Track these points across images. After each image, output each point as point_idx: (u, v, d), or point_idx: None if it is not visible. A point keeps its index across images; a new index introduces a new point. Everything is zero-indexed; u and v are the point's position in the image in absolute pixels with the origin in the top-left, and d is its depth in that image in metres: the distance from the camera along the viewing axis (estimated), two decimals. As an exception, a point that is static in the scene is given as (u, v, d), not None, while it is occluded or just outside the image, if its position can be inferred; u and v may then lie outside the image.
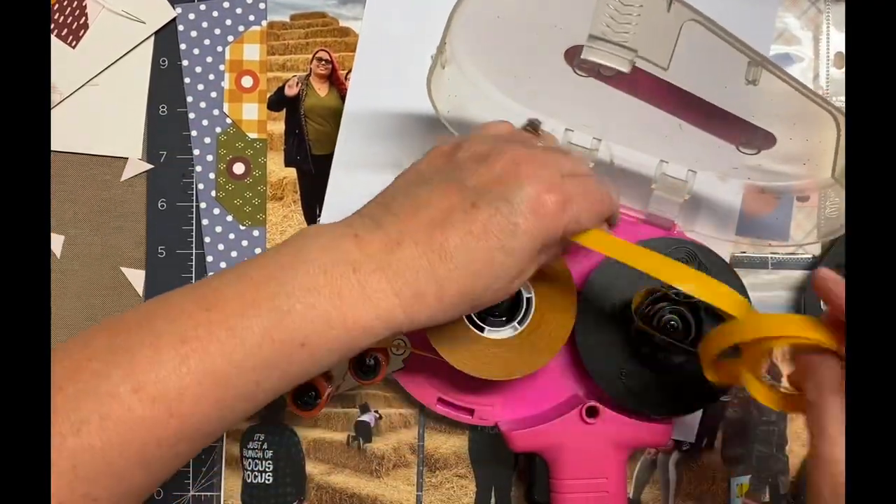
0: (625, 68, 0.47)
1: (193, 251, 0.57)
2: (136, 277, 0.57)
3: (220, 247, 0.57)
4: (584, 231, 0.44)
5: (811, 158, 0.50)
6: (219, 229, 0.57)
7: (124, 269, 0.57)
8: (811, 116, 0.47)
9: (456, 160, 0.43)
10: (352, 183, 0.57)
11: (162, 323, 0.39)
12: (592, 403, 0.51)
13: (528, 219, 0.41)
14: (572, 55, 0.50)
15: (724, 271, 0.52)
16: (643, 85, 0.49)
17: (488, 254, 0.41)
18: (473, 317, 0.50)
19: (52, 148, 0.57)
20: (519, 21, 0.49)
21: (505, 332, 0.50)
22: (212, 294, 0.39)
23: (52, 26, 0.57)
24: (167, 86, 0.57)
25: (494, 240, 0.40)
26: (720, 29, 0.45)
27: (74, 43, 0.57)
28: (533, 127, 0.48)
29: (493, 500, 0.57)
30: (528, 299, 0.50)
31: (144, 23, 0.57)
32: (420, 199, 0.42)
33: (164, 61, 0.57)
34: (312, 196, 0.57)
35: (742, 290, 0.52)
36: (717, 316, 0.51)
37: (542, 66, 0.51)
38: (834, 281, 0.40)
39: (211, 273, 0.57)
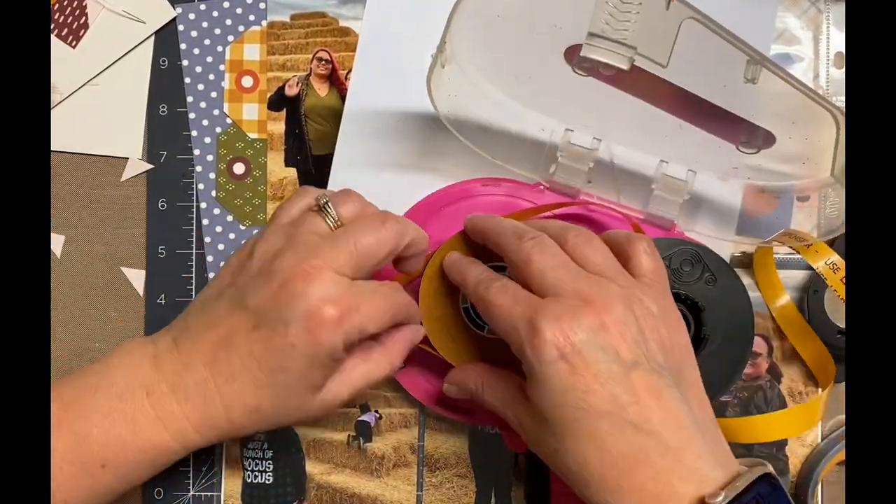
0: (624, 66, 0.46)
1: (193, 251, 0.57)
2: (136, 277, 0.57)
3: (221, 247, 0.57)
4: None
5: (811, 157, 0.50)
6: (219, 229, 0.57)
7: (124, 269, 0.57)
8: (811, 115, 0.47)
9: (246, 270, 0.44)
10: (352, 183, 0.56)
11: None
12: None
13: (303, 338, 0.42)
14: (572, 54, 0.50)
15: (725, 271, 0.52)
16: (643, 84, 0.49)
17: (269, 375, 0.42)
18: (474, 316, 0.50)
19: (52, 148, 0.57)
20: (519, 20, 0.49)
21: (505, 332, 0.50)
22: None
23: (52, 26, 0.57)
24: (167, 86, 0.57)
25: (274, 361, 0.42)
26: (719, 27, 0.45)
27: (74, 43, 0.57)
28: (321, 208, 0.45)
29: (493, 500, 0.57)
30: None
31: (144, 23, 0.57)
32: (211, 316, 0.44)
33: (164, 61, 0.57)
34: (312, 196, 0.57)
35: (744, 292, 0.52)
36: (719, 315, 0.51)
37: (542, 65, 0.51)
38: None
39: (211, 274, 0.57)
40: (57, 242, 0.57)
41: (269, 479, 0.56)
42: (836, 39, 0.57)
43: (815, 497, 0.55)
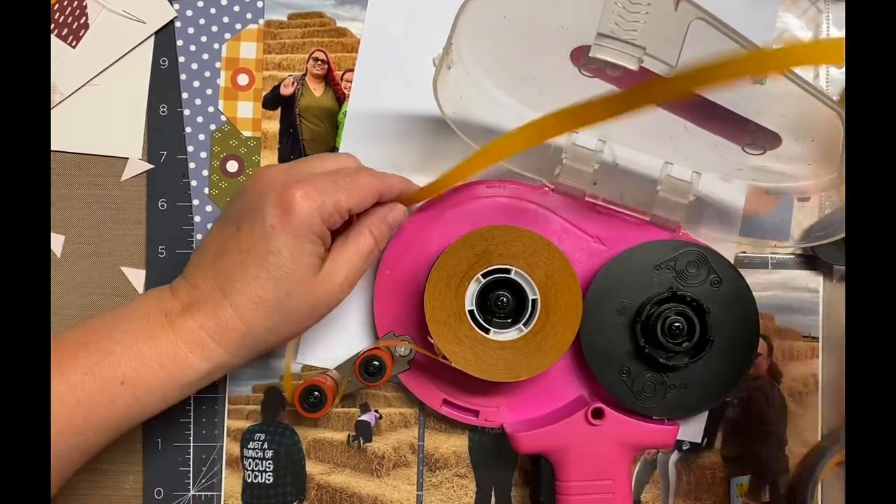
0: (633, 66, 0.46)
1: (194, 251, 0.57)
2: (136, 277, 0.57)
3: (213, 244, 0.57)
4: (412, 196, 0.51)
5: (817, 159, 0.50)
6: (210, 226, 0.57)
7: (124, 269, 0.57)
8: (817, 116, 0.47)
9: (238, 196, 0.49)
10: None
11: None
12: (598, 405, 0.51)
13: (279, 217, 0.45)
14: (578, 56, 0.50)
15: (731, 273, 0.52)
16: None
17: (261, 261, 0.46)
18: (479, 318, 0.50)
19: (52, 148, 0.57)
20: (525, 22, 0.49)
21: (510, 334, 0.50)
22: (55, 342, 0.46)
23: (52, 26, 0.57)
24: (167, 86, 0.57)
25: (261, 247, 0.46)
26: (727, 28, 0.45)
27: (74, 43, 0.57)
28: None
29: (493, 500, 0.57)
30: (534, 301, 0.50)
31: (144, 23, 0.57)
32: (206, 243, 0.49)
33: (164, 61, 0.57)
34: (307, 196, 0.57)
35: (747, 290, 0.52)
36: (724, 317, 0.51)
37: (548, 67, 0.51)
38: None
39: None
40: (57, 242, 0.57)
41: (269, 479, 0.56)
42: (836, 39, 0.57)
43: (815, 497, 0.55)
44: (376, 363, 0.52)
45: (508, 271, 0.50)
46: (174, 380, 0.46)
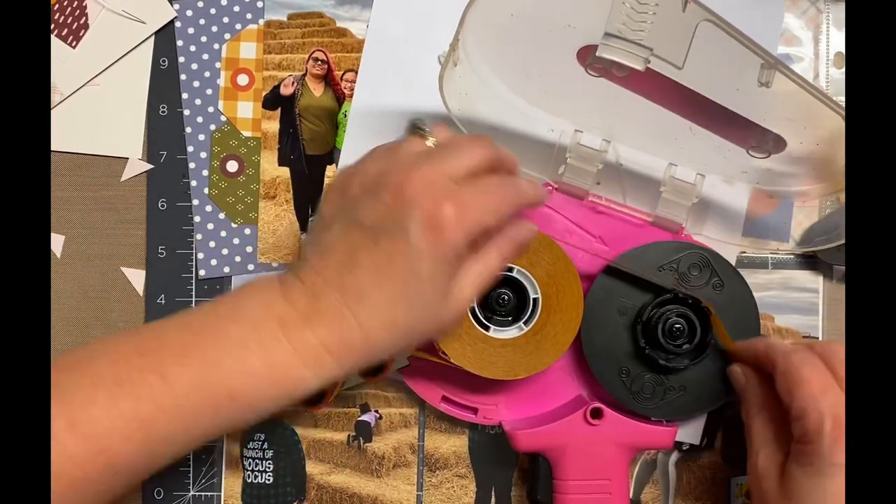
0: (639, 66, 0.46)
1: (194, 251, 0.57)
2: (136, 277, 0.57)
3: (212, 244, 0.57)
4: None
5: (821, 162, 0.50)
6: (210, 226, 0.57)
7: (124, 269, 0.57)
8: (823, 120, 0.47)
9: (349, 197, 0.44)
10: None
11: (103, 364, 0.41)
12: (597, 405, 0.51)
13: (427, 239, 0.41)
14: (585, 55, 0.49)
15: (733, 276, 0.52)
16: (655, 87, 0.49)
17: (400, 284, 0.41)
18: (479, 316, 0.50)
19: (52, 148, 0.57)
20: (532, 20, 0.49)
21: (510, 332, 0.50)
22: (152, 339, 0.42)
23: (52, 26, 0.57)
24: (167, 86, 0.57)
25: (402, 269, 0.41)
26: (734, 30, 0.45)
27: (74, 43, 0.57)
28: (417, 129, 0.46)
29: (493, 500, 0.57)
30: (535, 300, 0.50)
31: (144, 23, 0.57)
32: (326, 244, 0.43)
33: (164, 61, 0.57)
34: (305, 196, 0.57)
35: (749, 294, 0.52)
36: (726, 319, 0.51)
37: (555, 65, 0.51)
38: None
39: (203, 272, 0.57)
40: (57, 242, 0.57)
41: (269, 479, 0.56)
42: (836, 39, 0.57)
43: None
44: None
45: (510, 269, 0.50)
46: (283, 395, 0.42)
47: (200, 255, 0.57)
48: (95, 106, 0.57)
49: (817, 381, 0.44)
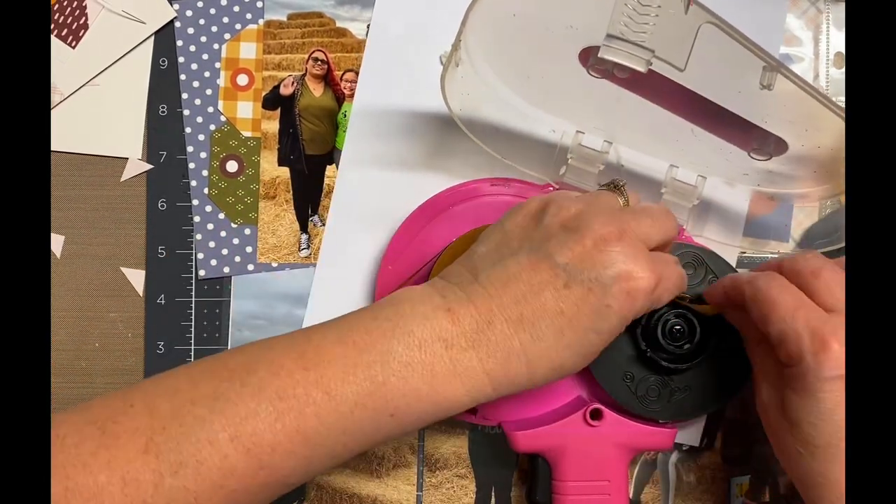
0: (641, 68, 0.46)
1: (194, 251, 0.57)
2: (136, 277, 0.57)
3: (212, 244, 0.57)
4: None
5: (822, 165, 0.50)
6: (210, 226, 0.57)
7: (124, 269, 0.57)
8: (825, 123, 0.47)
9: (544, 226, 0.43)
10: (361, 181, 0.57)
11: (264, 375, 0.40)
12: (596, 406, 0.51)
13: (621, 301, 0.41)
14: (587, 56, 0.49)
15: (729, 273, 0.52)
16: (657, 88, 0.49)
17: (579, 334, 0.41)
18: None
19: (52, 148, 0.57)
20: (534, 20, 0.49)
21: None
22: (313, 352, 0.41)
23: (52, 26, 0.57)
24: (167, 86, 0.57)
25: (586, 321, 0.41)
26: (737, 32, 0.45)
27: (74, 43, 0.57)
28: (616, 188, 0.47)
29: (493, 500, 0.57)
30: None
31: (144, 23, 0.57)
32: (509, 271, 0.42)
33: (163, 61, 0.57)
34: (305, 196, 0.57)
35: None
36: (722, 322, 0.51)
37: (556, 66, 0.51)
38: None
39: (203, 272, 0.57)
40: (57, 242, 0.57)
41: (269, 480, 0.56)
42: (836, 39, 0.57)
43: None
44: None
45: None
46: (439, 413, 0.42)
47: (200, 255, 0.57)
48: (95, 106, 0.57)
49: (785, 302, 0.43)
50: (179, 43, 0.57)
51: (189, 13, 0.57)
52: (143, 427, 0.39)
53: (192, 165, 0.57)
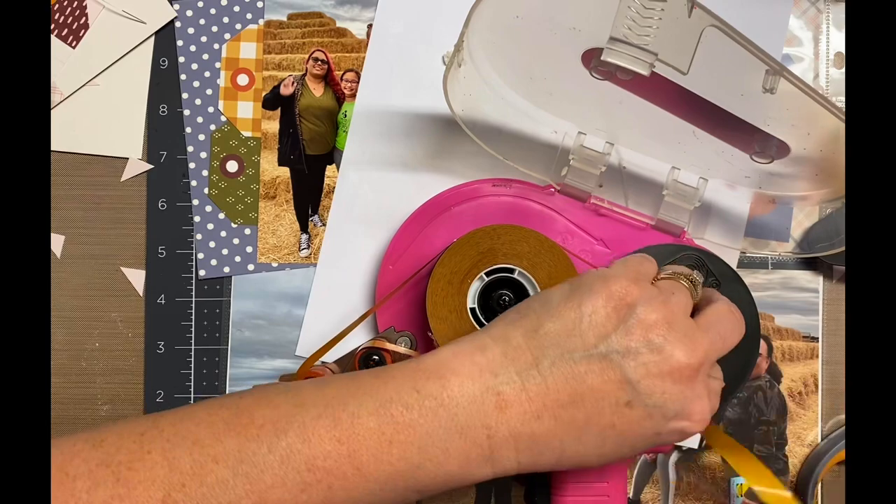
0: (644, 71, 0.46)
1: (194, 251, 0.57)
2: (136, 277, 0.57)
3: (212, 244, 0.57)
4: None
5: (824, 169, 0.50)
6: (210, 226, 0.57)
7: (124, 269, 0.57)
8: (826, 126, 0.47)
9: (627, 328, 0.41)
10: (362, 181, 0.57)
11: (294, 441, 0.39)
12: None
13: (670, 437, 0.41)
14: (589, 58, 0.49)
15: (730, 276, 0.52)
16: (659, 90, 0.49)
17: (618, 448, 0.41)
18: (480, 316, 0.50)
19: (52, 148, 0.57)
20: (537, 22, 0.49)
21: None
22: (348, 422, 0.39)
23: (52, 26, 0.57)
24: (167, 86, 0.57)
25: (632, 440, 0.41)
26: (740, 36, 0.45)
27: (74, 43, 0.57)
28: (692, 282, 0.45)
29: (492, 500, 0.57)
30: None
31: (144, 23, 0.57)
32: (574, 368, 0.40)
33: (164, 61, 0.57)
34: (305, 196, 0.57)
35: (749, 297, 0.52)
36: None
37: (559, 67, 0.51)
38: None
39: (203, 272, 0.57)
40: (57, 242, 0.57)
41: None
42: (836, 39, 0.57)
43: (815, 497, 0.55)
44: (376, 357, 0.52)
45: (512, 271, 0.50)
46: (462, 486, 0.42)
47: (200, 256, 0.57)
48: (95, 106, 0.57)
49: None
50: (180, 43, 0.57)
51: (189, 13, 0.57)
52: (161, 480, 0.37)
53: (192, 165, 0.57)
